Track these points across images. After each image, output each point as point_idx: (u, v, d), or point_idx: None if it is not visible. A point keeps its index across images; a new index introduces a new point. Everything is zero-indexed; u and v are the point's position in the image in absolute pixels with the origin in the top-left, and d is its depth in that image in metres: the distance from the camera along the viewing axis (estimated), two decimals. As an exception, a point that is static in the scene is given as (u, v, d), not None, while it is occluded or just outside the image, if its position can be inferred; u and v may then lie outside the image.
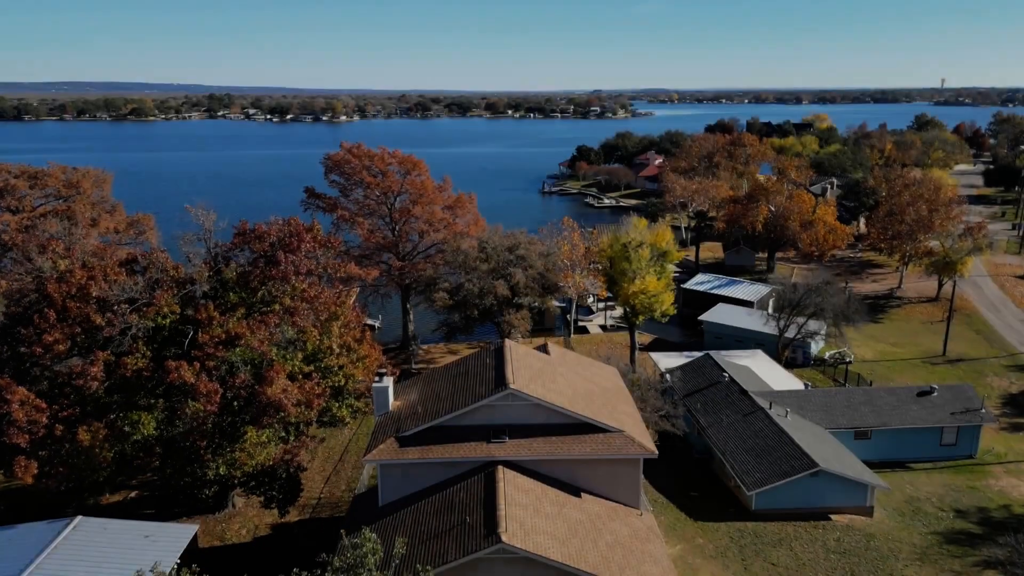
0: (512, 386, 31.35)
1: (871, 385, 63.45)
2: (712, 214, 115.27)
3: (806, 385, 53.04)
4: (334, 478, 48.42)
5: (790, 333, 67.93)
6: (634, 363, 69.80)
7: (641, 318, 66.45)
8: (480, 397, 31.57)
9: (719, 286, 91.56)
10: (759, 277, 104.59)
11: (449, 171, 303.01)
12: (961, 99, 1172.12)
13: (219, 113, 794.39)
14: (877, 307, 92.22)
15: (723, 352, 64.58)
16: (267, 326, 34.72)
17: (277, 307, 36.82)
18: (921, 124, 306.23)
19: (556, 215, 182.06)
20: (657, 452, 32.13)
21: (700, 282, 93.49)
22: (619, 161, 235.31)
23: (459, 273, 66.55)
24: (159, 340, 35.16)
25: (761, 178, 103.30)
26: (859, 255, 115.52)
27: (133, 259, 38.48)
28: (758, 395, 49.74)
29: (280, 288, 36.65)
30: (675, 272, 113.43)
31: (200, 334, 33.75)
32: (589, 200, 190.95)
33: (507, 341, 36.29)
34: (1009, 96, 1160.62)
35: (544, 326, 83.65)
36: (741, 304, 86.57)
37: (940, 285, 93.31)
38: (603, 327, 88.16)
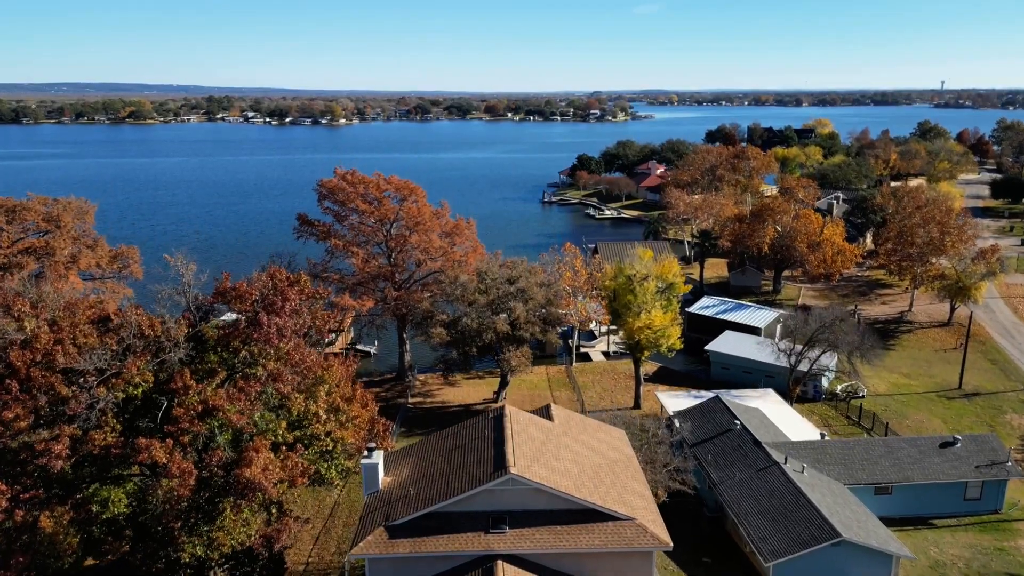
0: (513, 470, 28.73)
1: (887, 428, 60.87)
2: (716, 232, 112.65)
3: (822, 435, 50.45)
4: (324, 538, 45.74)
5: (802, 367, 65.30)
6: (639, 398, 67.22)
7: (647, 353, 63.78)
8: (478, 482, 28.96)
9: (725, 311, 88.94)
10: (765, 299, 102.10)
11: (448, 177, 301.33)
12: (961, 102, 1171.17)
13: (218, 116, 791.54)
14: (887, 332, 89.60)
15: (732, 392, 62.02)
16: (247, 396, 32.09)
17: (260, 370, 34.21)
18: (924, 131, 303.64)
19: (556, 226, 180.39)
20: (671, 544, 29.51)
21: (705, 306, 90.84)
22: (620, 170, 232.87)
23: (457, 305, 64.00)
24: (131, 410, 32.57)
25: (767, 198, 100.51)
26: (866, 273, 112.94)
27: (106, 317, 35.82)
28: (772, 447, 47.10)
29: (263, 350, 34.04)
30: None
31: (175, 407, 31.14)
32: (590, 211, 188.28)
33: (506, 409, 33.66)
34: (1009, 98, 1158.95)
35: (545, 353, 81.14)
36: (748, 331, 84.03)
37: (952, 309, 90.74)
38: (606, 354, 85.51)
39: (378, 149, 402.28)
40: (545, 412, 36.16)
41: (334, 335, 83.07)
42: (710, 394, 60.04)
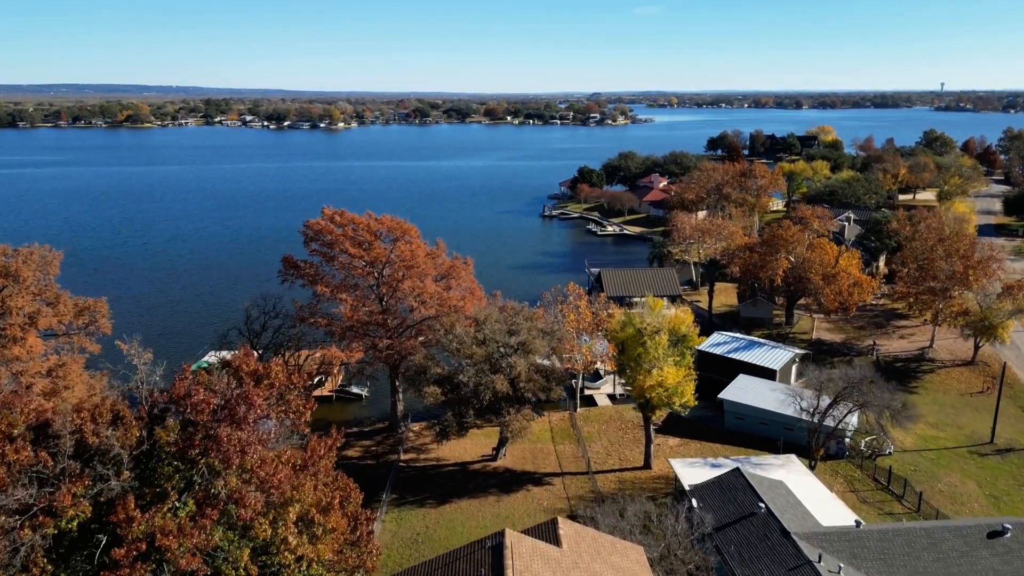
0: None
1: (920, 498, 56.05)
2: (724, 260, 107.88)
3: (857, 522, 45.71)
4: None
5: (826, 420, 60.45)
6: (649, 457, 62.46)
7: (659, 413, 58.96)
8: (473, 647, 24.23)
9: (737, 349, 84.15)
10: (778, 332, 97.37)
11: (447, 188, 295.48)
12: (962, 105, 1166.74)
13: (216, 119, 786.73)
14: (908, 372, 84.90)
15: (752, 460, 57.32)
16: (203, 530, 27.29)
17: (220, 485, 29.41)
18: (930, 140, 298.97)
19: (557, 243, 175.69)
20: None
21: (716, 344, 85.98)
22: (622, 182, 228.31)
23: (452, 358, 59.25)
24: (66, 544, 27.79)
25: (780, 228, 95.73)
26: (881, 302, 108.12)
27: (45, 423, 31.01)
28: (803, 538, 42.31)
29: (224, 466, 29.26)
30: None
31: (114, 547, 26.33)
32: (591, 227, 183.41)
33: (507, 539, 28.85)
34: (1010, 101, 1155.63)
35: (548, 398, 76.27)
36: (762, 373, 79.30)
37: (976, 348, 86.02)
38: (612, 397, 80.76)
39: (377, 156, 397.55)
40: (552, 532, 31.35)
41: (322, 377, 78.36)
42: (728, 463, 55.33)
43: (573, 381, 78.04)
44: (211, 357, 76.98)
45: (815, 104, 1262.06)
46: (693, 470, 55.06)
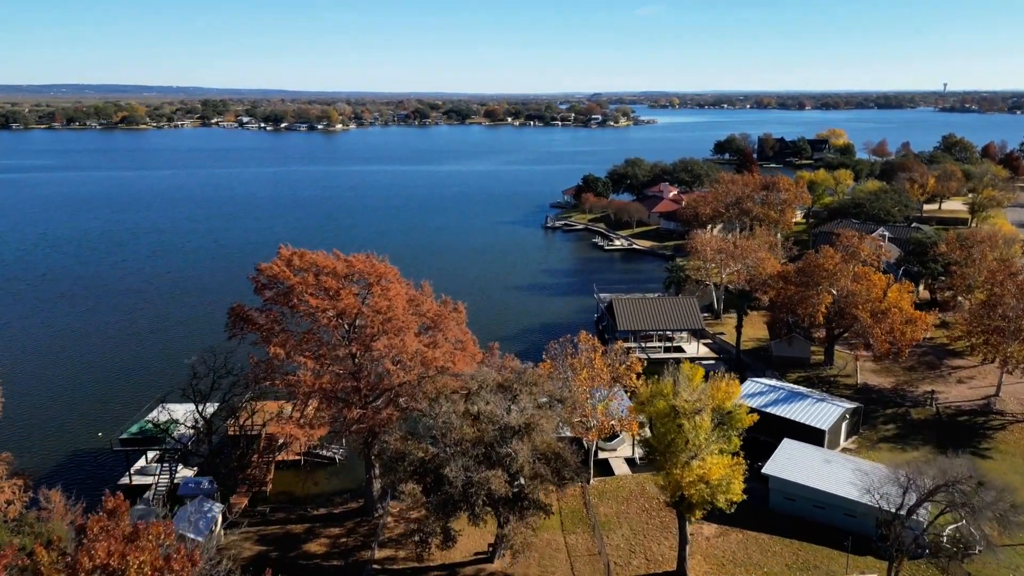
0: None
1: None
2: (753, 289, 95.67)
3: None
4: None
5: (906, 518, 48.17)
6: (684, 561, 50.17)
7: (698, 514, 46.69)
8: None
9: (777, 402, 71.97)
10: (817, 375, 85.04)
11: (446, 194, 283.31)
12: (967, 105, 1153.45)
13: (213, 120, 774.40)
14: (975, 429, 72.66)
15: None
16: None
17: None
18: (949, 145, 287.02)
19: (560, 259, 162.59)
20: None
21: (751, 394, 73.71)
22: (628, 190, 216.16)
23: (436, 440, 47.08)
24: None
25: (823, 259, 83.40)
26: (928, 334, 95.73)
27: None
28: None
29: None
30: (710, 361, 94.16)
31: None
32: (597, 241, 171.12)
33: None
34: (1016, 102, 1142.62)
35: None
36: (807, 434, 67.12)
37: (1055, 399, 73.86)
38: (631, 461, 68.53)
39: (375, 160, 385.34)
40: None
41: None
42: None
43: (584, 442, 65.82)
44: (159, 414, 65.00)
45: (818, 105, 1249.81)
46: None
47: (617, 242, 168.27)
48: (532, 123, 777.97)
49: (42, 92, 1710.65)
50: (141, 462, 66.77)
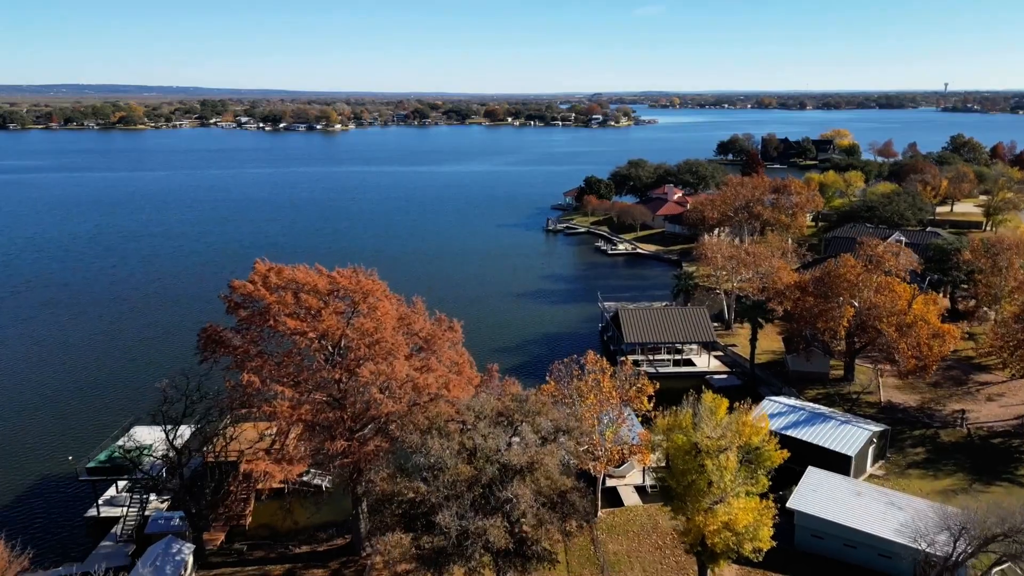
0: None
1: None
2: (756, 294, 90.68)
3: None
4: None
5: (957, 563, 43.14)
6: (704, 614, 45.06)
7: (723, 564, 41.60)
8: None
9: (798, 424, 66.89)
10: (837, 392, 79.91)
11: (445, 196, 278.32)
12: (969, 105, 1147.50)
13: (211, 121, 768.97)
14: (1010, 453, 67.55)
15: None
16: None
17: None
18: (958, 146, 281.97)
19: (562, 264, 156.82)
20: None
21: (769, 415, 68.39)
22: (631, 192, 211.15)
23: (427, 477, 41.96)
24: None
25: (843, 268, 78.26)
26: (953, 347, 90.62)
27: None
28: None
29: None
30: (722, 376, 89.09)
31: None
32: (600, 245, 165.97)
33: None
34: (1018, 102, 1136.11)
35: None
36: (833, 460, 62.07)
37: (1095, 420, 68.80)
38: (641, 489, 63.39)
39: (374, 161, 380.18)
40: None
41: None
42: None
43: (592, 471, 60.65)
44: (127, 440, 59.89)
45: (819, 105, 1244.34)
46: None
47: (621, 246, 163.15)
48: (532, 123, 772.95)
49: (42, 92, 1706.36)
50: (111, 491, 61.72)
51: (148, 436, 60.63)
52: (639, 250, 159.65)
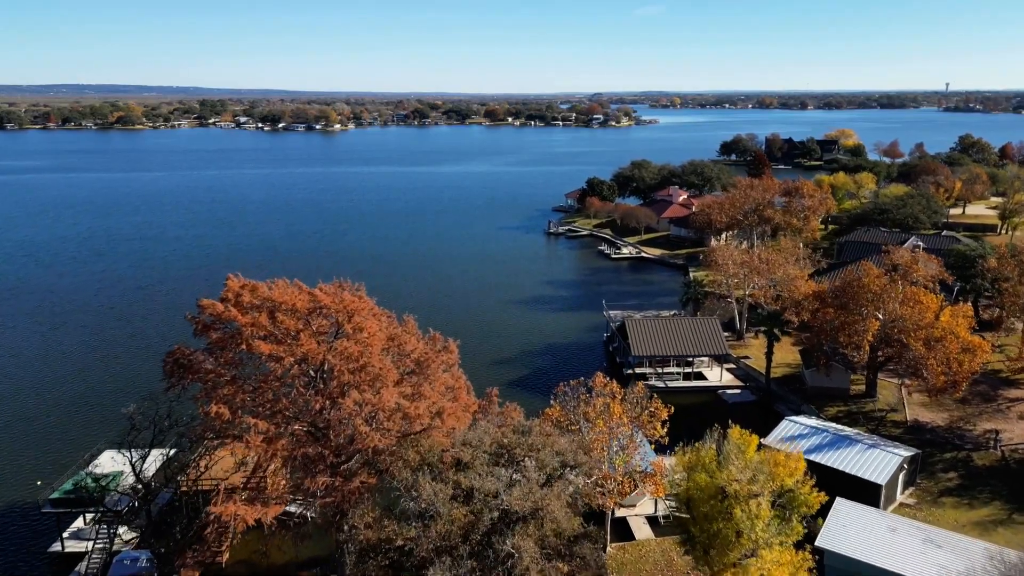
0: None
1: None
2: (770, 303, 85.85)
3: None
4: None
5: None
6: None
7: (752, 624, 36.73)
8: None
9: (822, 448, 61.88)
10: (859, 410, 75.07)
11: (445, 197, 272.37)
12: (971, 105, 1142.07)
13: (210, 121, 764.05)
14: (1051, 478, 62.62)
15: None
16: None
17: None
18: (966, 147, 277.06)
19: (564, 269, 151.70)
20: None
21: (789, 437, 63.80)
22: (635, 194, 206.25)
23: (417, 524, 37.15)
24: None
25: (866, 277, 73.31)
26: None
27: None
28: None
29: None
30: (736, 391, 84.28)
31: None
32: (603, 248, 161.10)
33: None
34: (1020, 102, 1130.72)
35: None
36: (860, 488, 57.16)
37: None
38: (653, 520, 58.53)
39: (373, 162, 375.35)
40: None
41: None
42: None
43: (600, 502, 55.78)
44: (94, 468, 55.16)
45: (820, 104, 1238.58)
46: None
47: (625, 250, 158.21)
48: (533, 123, 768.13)
49: (42, 92, 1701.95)
50: (79, 523, 56.87)
51: (118, 463, 55.89)
52: (643, 254, 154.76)
